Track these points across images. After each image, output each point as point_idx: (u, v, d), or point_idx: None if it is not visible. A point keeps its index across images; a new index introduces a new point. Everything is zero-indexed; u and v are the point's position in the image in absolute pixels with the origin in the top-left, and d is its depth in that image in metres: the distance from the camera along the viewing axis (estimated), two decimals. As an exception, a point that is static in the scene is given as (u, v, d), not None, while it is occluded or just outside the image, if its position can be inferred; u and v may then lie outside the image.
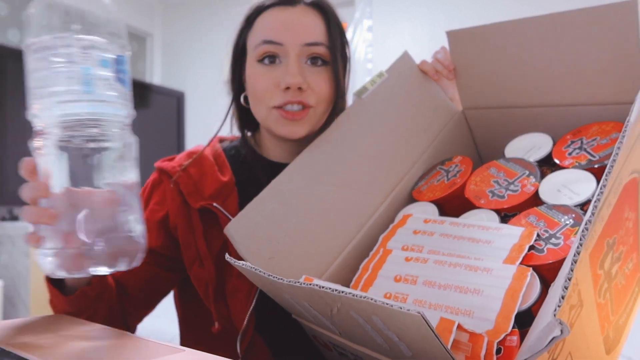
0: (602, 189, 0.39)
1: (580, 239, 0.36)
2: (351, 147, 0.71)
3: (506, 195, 0.64)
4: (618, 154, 0.41)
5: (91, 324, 0.57)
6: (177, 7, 3.49)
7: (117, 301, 0.67)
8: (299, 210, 0.66)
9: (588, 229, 0.37)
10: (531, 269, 0.51)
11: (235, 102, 0.76)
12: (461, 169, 0.72)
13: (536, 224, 0.57)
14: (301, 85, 0.67)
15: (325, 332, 0.54)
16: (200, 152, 0.75)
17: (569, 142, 0.67)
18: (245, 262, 0.51)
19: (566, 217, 0.56)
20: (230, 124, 0.77)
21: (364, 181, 0.71)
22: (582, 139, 0.66)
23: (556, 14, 0.66)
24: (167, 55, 3.53)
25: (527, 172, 0.65)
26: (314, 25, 0.69)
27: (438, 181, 0.72)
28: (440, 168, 0.75)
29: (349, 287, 0.60)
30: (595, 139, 0.64)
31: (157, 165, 0.75)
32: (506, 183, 0.65)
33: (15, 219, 2.40)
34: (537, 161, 0.68)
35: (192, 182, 0.71)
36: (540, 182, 0.63)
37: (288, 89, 0.67)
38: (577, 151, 0.64)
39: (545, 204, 0.60)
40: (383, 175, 0.73)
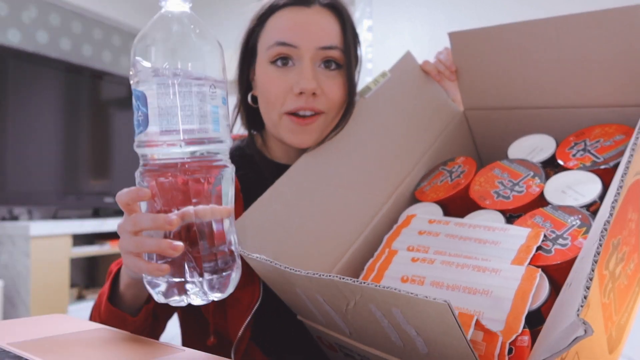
0: (619, 189, 0.39)
1: (600, 239, 0.36)
2: (353, 148, 0.71)
3: (511, 196, 0.64)
4: (633, 155, 0.41)
5: (91, 324, 0.55)
6: (176, 7, 3.46)
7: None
8: (301, 211, 0.65)
9: (607, 229, 0.37)
10: (540, 269, 0.51)
11: (242, 102, 0.74)
12: (465, 169, 0.72)
13: (542, 224, 0.57)
14: (315, 90, 0.65)
15: (332, 333, 0.53)
16: None
17: (572, 144, 0.67)
18: (260, 254, 0.50)
19: (573, 218, 0.56)
20: (233, 123, 0.76)
21: (366, 181, 0.71)
22: (586, 140, 0.66)
23: (560, 17, 0.66)
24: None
25: (532, 173, 0.65)
26: (330, 28, 0.67)
27: (441, 182, 0.72)
28: (442, 168, 0.75)
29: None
30: (599, 141, 0.65)
31: None
32: (511, 184, 0.65)
33: (15, 219, 2.35)
34: (541, 162, 0.68)
35: None
36: (545, 183, 0.63)
37: (301, 93, 0.65)
38: (581, 153, 0.65)
39: (551, 204, 0.60)
40: (385, 176, 0.73)
